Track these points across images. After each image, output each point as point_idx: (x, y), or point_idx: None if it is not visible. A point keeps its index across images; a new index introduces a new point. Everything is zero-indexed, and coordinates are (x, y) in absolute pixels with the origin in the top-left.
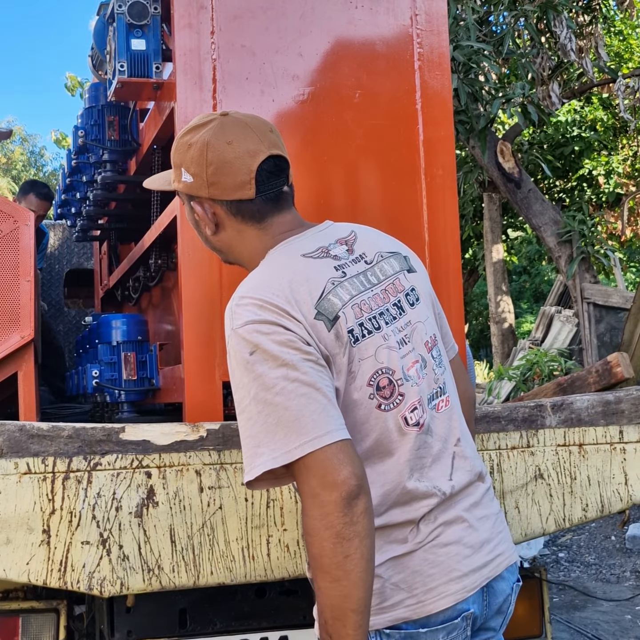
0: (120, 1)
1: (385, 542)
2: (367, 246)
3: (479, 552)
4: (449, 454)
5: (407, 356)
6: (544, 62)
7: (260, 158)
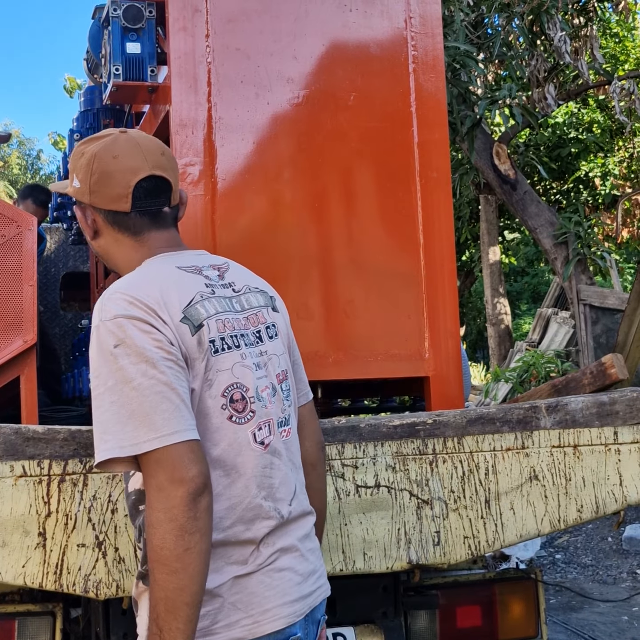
0: (115, 5)
1: (226, 563)
2: (237, 277)
3: (307, 580)
4: (293, 481)
5: (261, 379)
6: (539, 64)
7: (140, 176)
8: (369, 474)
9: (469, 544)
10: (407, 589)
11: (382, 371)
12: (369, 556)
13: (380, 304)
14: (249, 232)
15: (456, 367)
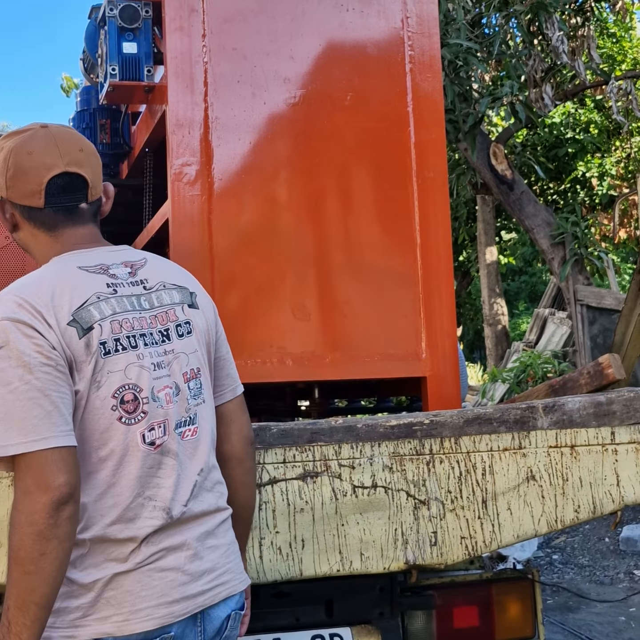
0: (111, 4)
1: (106, 560)
2: (152, 274)
3: (197, 580)
4: (191, 482)
5: (160, 379)
6: (536, 64)
7: (53, 172)
8: (365, 474)
9: (466, 545)
10: (404, 590)
11: (379, 371)
12: (365, 556)
13: (377, 304)
14: (246, 232)
15: (453, 368)
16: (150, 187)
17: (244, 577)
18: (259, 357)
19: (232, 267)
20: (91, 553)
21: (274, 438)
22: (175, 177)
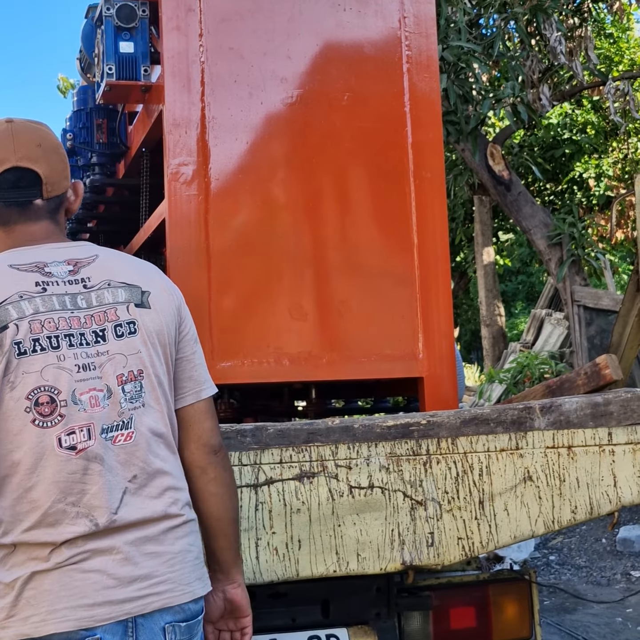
0: (108, 4)
1: (27, 558)
2: (98, 272)
3: (126, 586)
4: (120, 488)
5: (85, 382)
6: (534, 64)
7: (4, 167)
8: (362, 475)
9: (462, 545)
10: (401, 590)
11: (375, 372)
12: (362, 557)
13: (374, 304)
14: (243, 232)
15: (450, 368)
16: (147, 187)
17: (189, 590)
18: (255, 357)
19: (229, 267)
20: (15, 553)
21: (271, 438)
22: (172, 177)
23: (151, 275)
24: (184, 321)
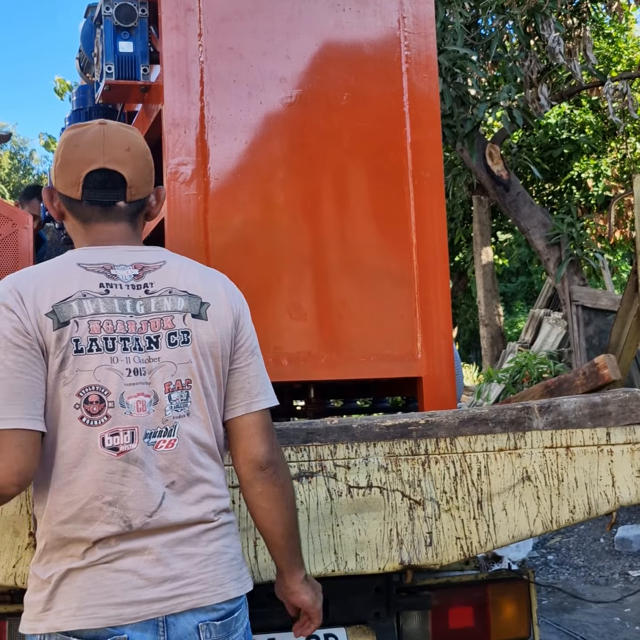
0: (107, 3)
1: (63, 556)
2: (162, 279)
3: (156, 586)
4: (159, 493)
5: (134, 386)
6: (533, 65)
7: (92, 167)
8: (361, 475)
9: (461, 545)
10: (400, 590)
11: (374, 371)
12: (361, 557)
13: (373, 304)
14: (242, 232)
15: (449, 368)
16: None
17: (222, 591)
18: None
19: (228, 267)
20: (50, 549)
21: None
22: (171, 177)
23: (215, 286)
24: (240, 332)
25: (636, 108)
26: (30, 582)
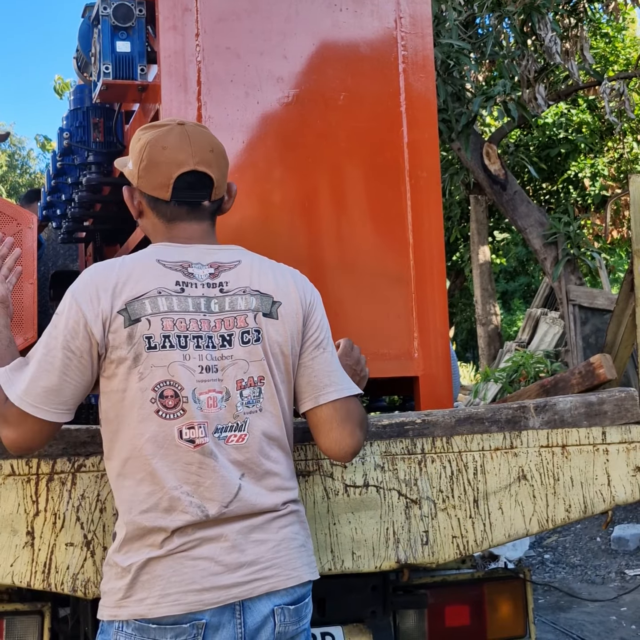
0: (105, 3)
1: (142, 545)
2: (236, 278)
3: (233, 572)
4: (234, 485)
5: (206, 382)
6: (530, 64)
7: (183, 169)
8: (357, 474)
9: (457, 544)
10: (396, 589)
11: (371, 371)
12: (357, 555)
13: (370, 303)
14: (238, 231)
15: (445, 367)
16: None
17: (295, 574)
18: None
19: None
20: (130, 538)
21: None
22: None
23: (287, 284)
24: (309, 329)
25: (633, 108)
26: (110, 570)
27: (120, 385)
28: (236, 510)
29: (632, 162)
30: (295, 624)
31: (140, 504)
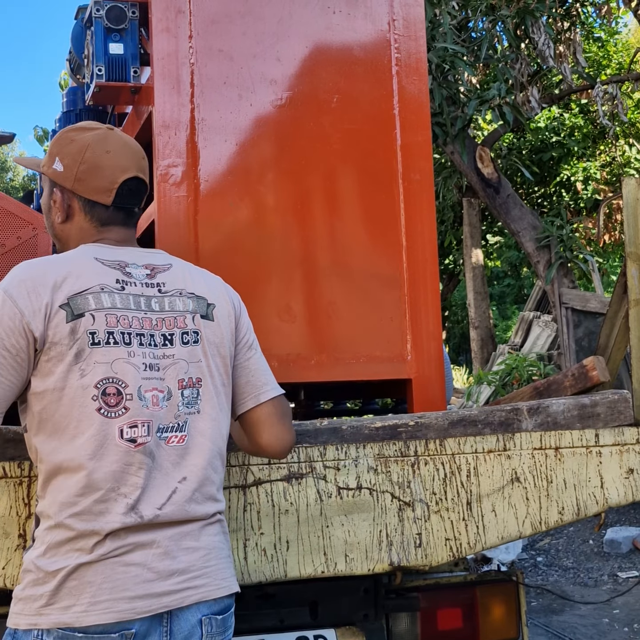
0: (98, 5)
1: (71, 549)
2: (171, 280)
3: (165, 579)
4: (170, 487)
5: (149, 380)
6: (523, 68)
7: (128, 175)
8: (350, 476)
9: (450, 546)
10: (389, 591)
11: (364, 373)
12: (350, 558)
13: (363, 306)
14: (232, 234)
15: (438, 370)
16: None
17: (224, 584)
18: None
19: (218, 269)
20: (58, 542)
21: None
22: (161, 178)
23: (217, 288)
24: (240, 331)
25: (625, 111)
26: (28, 576)
27: (57, 384)
28: (170, 515)
29: (624, 166)
30: (222, 634)
31: (73, 506)
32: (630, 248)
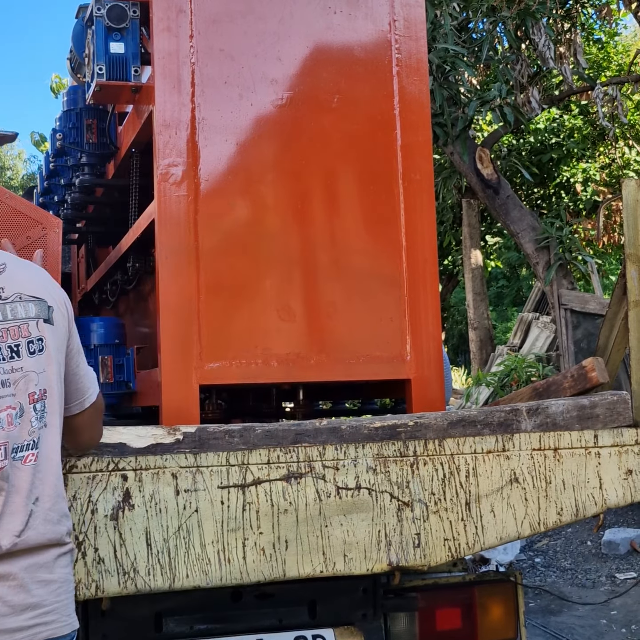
0: (99, 4)
1: None
2: (10, 283)
3: (19, 614)
4: (26, 511)
5: (3, 399)
6: (523, 69)
7: None
8: (349, 476)
9: (449, 546)
10: (387, 591)
11: (363, 373)
12: (349, 558)
13: (362, 306)
14: (232, 233)
15: (438, 370)
16: (137, 187)
17: (70, 621)
18: (243, 358)
19: (218, 268)
20: None
21: (259, 439)
22: (162, 178)
23: (52, 287)
24: (72, 334)
25: (625, 113)
26: None
27: None
28: (27, 540)
29: (624, 167)
30: None
31: None
32: (630, 249)
